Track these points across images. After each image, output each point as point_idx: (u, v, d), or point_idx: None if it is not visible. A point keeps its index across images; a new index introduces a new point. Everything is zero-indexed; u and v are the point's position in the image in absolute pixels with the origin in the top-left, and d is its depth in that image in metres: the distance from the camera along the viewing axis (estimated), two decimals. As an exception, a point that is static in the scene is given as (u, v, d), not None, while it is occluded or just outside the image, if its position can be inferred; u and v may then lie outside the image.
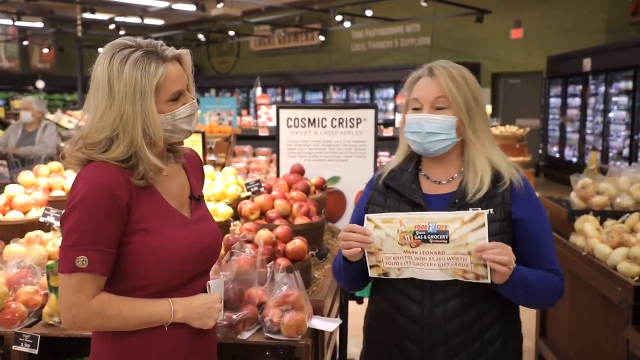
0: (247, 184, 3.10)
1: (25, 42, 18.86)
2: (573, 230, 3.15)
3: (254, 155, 6.31)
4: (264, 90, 16.96)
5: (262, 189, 3.07)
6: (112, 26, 14.06)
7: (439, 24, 12.77)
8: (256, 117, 7.56)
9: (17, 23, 14.01)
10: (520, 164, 5.75)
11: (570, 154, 11.83)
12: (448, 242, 1.43)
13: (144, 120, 1.39)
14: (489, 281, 1.43)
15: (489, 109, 7.57)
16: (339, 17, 12.05)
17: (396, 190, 1.63)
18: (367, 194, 1.72)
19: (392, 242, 1.48)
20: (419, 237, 1.45)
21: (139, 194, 1.44)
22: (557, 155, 12.23)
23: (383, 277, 1.54)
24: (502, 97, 13.69)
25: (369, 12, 11.64)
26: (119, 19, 13.66)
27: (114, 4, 12.23)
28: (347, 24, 12.55)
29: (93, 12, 11.68)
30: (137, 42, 1.43)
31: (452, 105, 1.57)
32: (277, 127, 3.49)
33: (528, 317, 4.19)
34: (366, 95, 14.50)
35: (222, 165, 6.34)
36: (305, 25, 15.18)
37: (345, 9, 12.27)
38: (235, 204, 3.08)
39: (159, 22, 15.51)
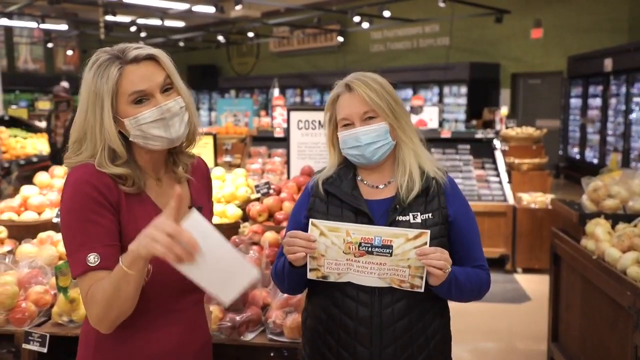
0: (256, 186, 3.13)
1: (50, 45, 19.17)
2: (584, 234, 3.13)
3: (269, 156, 6.35)
4: (283, 91, 17.02)
5: (271, 191, 3.10)
6: (133, 28, 14.23)
7: (457, 24, 12.69)
8: (272, 118, 7.61)
9: (42, 26, 14.24)
10: (536, 165, 5.69)
11: (591, 155, 11.66)
12: (391, 255, 1.50)
13: (100, 127, 1.37)
14: (422, 290, 1.52)
15: (504, 110, 7.50)
16: (357, 18, 12.05)
17: (337, 197, 1.67)
18: (306, 201, 1.73)
19: (336, 250, 1.54)
20: (363, 248, 1.52)
21: (129, 202, 1.40)
22: (578, 156, 12.07)
23: (321, 279, 1.59)
24: (521, 98, 13.55)
25: (386, 13, 11.62)
26: (140, 21, 13.83)
27: (135, 7, 12.38)
28: (365, 25, 12.54)
29: (114, 14, 11.84)
30: (114, 48, 1.41)
31: (380, 114, 1.63)
32: (288, 129, 3.52)
33: (540, 320, 4.18)
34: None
35: (238, 166, 6.39)
36: (324, 27, 15.20)
37: (363, 10, 12.27)
38: (244, 205, 3.11)
39: (180, 23, 15.66)
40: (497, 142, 6.45)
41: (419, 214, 1.60)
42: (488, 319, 4.74)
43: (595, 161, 11.30)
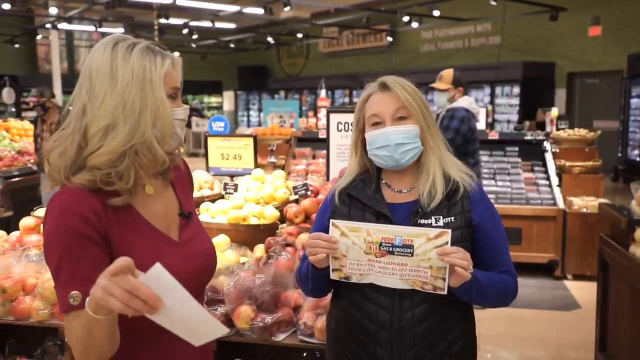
0: (294, 188, 3.15)
1: (107, 47, 19.84)
2: (633, 240, 3.00)
3: (314, 157, 6.36)
4: (332, 92, 17.04)
5: (309, 193, 3.12)
6: (185, 30, 14.56)
7: (510, 23, 12.41)
8: (316, 119, 7.65)
9: (100, 29, 14.75)
10: (589, 169, 5.48)
11: (652, 158, 11.18)
12: (412, 255, 1.48)
13: (153, 110, 1.28)
14: (445, 293, 1.48)
15: (555, 111, 7.28)
16: (406, 18, 11.94)
17: (360, 200, 1.66)
18: (330, 204, 1.73)
19: (357, 251, 1.53)
20: (384, 248, 1.50)
21: (118, 221, 1.30)
22: (638, 159, 11.59)
23: (344, 280, 1.58)
24: (578, 98, 13.12)
25: (436, 12, 11.47)
26: (192, 23, 14.14)
27: (187, 9, 12.68)
28: (414, 25, 12.42)
29: (167, 17, 12.15)
30: (140, 40, 1.35)
31: (412, 114, 1.61)
32: (327, 131, 3.52)
33: (588, 329, 4.04)
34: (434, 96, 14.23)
35: (282, 168, 6.44)
36: (374, 27, 15.15)
37: (412, 10, 12.15)
38: (283, 206, 3.14)
39: (231, 25, 15.92)
40: (547, 144, 6.26)
41: (441, 217, 1.59)
42: (535, 326, 4.62)
43: (656, 164, 10.83)
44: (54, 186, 1.31)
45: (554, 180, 5.97)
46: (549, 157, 6.16)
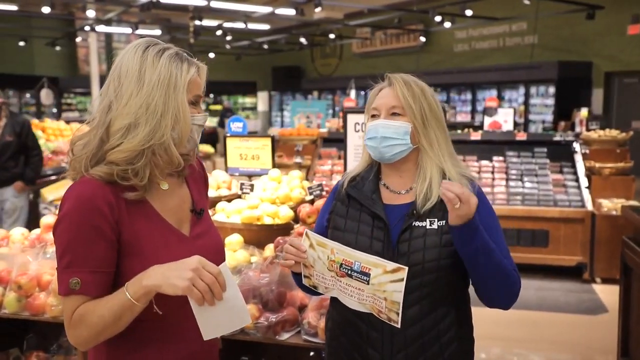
0: (309, 188, 3.17)
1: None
2: (654, 245, 2.93)
3: (340, 157, 6.38)
4: (364, 92, 16.99)
5: (324, 193, 3.14)
6: (219, 32, 14.73)
7: (546, 22, 12.16)
8: (343, 120, 7.66)
9: (137, 31, 15.03)
10: (619, 170, 5.35)
11: (693, 160, 10.81)
12: (368, 283, 1.50)
13: (174, 114, 1.35)
14: (398, 326, 1.49)
15: (584, 111, 7.10)
16: (438, 18, 11.82)
17: (358, 200, 1.68)
18: (330, 204, 1.77)
19: (322, 265, 1.57)
20: (344, 270, 1.53)
21: (130, 213, 1.36)
22: (678, 160, 11.22)
23: (312, 288, 1.64)
24: (615, 98, 12.77)
25: (468, 12, 11.32)
26: (226, 24, 14.29)
27: (221, 11, 12.82)
28: (447, 24, 12.29)
29: (200, 19, 12.31)
30: (170, 46, 1.43)
31: (407, 113, 1.63)
32: (345, 132, 3.53)
33: (615, 334, 3.95)
34: (468, 96, 14.11)
35: (308, 168, 6.48)
36: (406, 27, 15.04)
37: (445, 9, 12.02)
38: (298, 207, 3.16)
39: (264, 26, 16.03)
40: (576, 145, 6.13)
41: (436, 220, 1.59)
42: (562, 330, 4.54)
43: (697, 166, 10.47)
44: (74, 176, 1.38)
45: (583, 181, 5.84)
46: (578, 158, 6.04)
